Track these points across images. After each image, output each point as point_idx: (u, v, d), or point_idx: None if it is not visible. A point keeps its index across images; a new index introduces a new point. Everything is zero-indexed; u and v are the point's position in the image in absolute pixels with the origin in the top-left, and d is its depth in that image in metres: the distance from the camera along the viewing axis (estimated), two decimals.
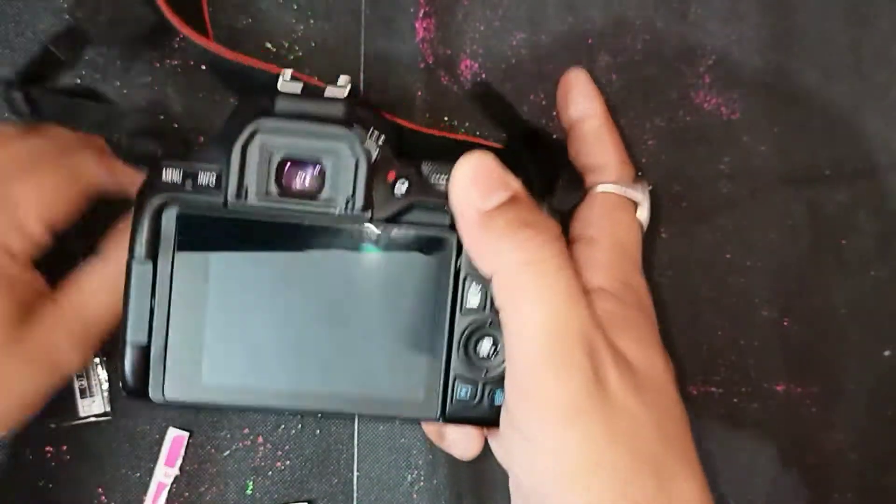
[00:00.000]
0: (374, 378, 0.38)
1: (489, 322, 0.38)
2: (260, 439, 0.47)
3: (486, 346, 0.39)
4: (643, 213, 0.42)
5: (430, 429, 0.45)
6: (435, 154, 0.40)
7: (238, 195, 0.36)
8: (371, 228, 0.37)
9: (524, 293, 0.35)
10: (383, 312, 0.38)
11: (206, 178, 0.37)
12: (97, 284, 0.40)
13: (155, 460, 0.46)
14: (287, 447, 0.47)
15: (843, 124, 0.49)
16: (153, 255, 0.37)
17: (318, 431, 0.47)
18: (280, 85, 0.37)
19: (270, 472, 0.47)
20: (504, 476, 0.48)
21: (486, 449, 0.48)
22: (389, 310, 0.38)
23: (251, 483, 0.47)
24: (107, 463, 0.46)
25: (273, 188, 0.37)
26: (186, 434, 0.46)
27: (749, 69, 0.48)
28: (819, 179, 0.49)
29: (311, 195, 0.37)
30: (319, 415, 0.46)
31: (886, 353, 0.50)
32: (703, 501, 0.36)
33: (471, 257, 0.37)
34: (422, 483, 0.48)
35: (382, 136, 0.37)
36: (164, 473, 0.46)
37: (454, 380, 0.38)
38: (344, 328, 0.38)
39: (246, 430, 0.47)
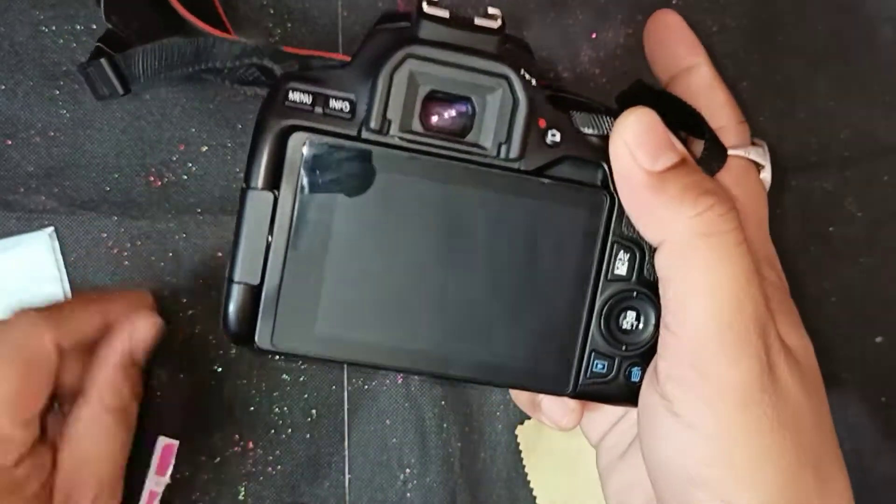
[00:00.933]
0: (501, 343, 0.35)
1: (635, 293, 0.35)
2: (251, 445, 0.47)
3: (629, 318, 0.35)
4: (767, 175, 0.40)
5: (521, 397, 0.41)
6: None
7: (379, 127, 0.33)
8: (521, 178, 0.34)
9: (701, 267, 0.32)
10: (519, 272, 0.35)
11: (339, 104, 0.33)
12: (84, 432, 0.38)
13: (146, 469, 0.46)
14: (278, 452, 0.47)
15: (828, 112, 0.49)
16: (274, 184, 0.33)
17: (308, 435, 0.47)
18: (426, 7, 0.33)
19: (262, 478, 0.47)
20: (498, 471, 0.49)
21: (484, 444, 0.48)
22: (526, 270, 0.35)
23: (243, 489, 0.47)
24: None
25: (416, 123, 0.33)
26: (176, 442, 0.46)
27: (733, 59, 0.48)
28: (806, 167, 0.49)
29: (457, 135, 0.34)
30: (439, 378, 0.43)
31: (878, 339, 0.50)
32: (852, 501, 0.35)
33: (633, 221, 0.34)
34: (414, 482, 0.48)
35: (535, 78, 0.34)
36: (156, 482, 0.46)
37: (591, 352, 0.35)
38: (474, 286, 0.34)
39: (237, 437, 0.47)
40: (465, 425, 0.48)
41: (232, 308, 0.34)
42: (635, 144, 0.33)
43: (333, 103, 0.33)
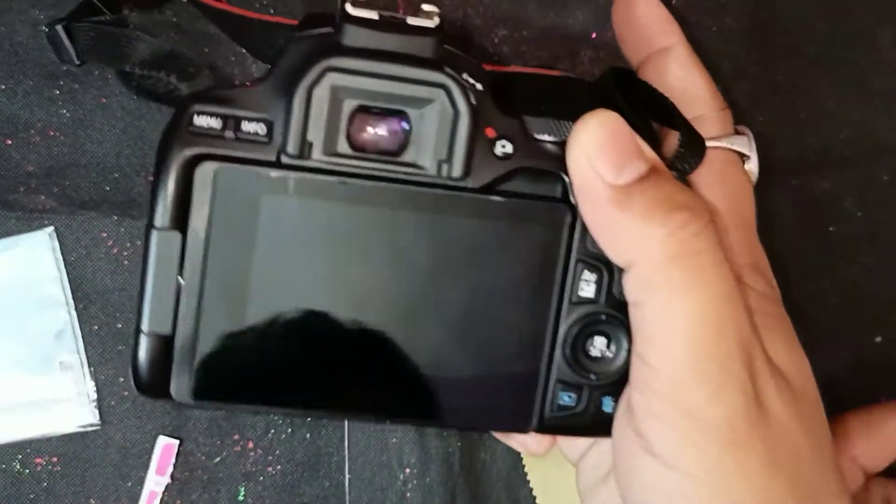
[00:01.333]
0: (452, 381, 0.32)
1: (604, 317, 0.32)
2: (250, 445, 0.47)
3: (598, 344, 0.32)
4: (753, 167, 0.36)
5: None
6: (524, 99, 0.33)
7: (299, 152, 0.29)
8: (466, 198, 0.30)
9: (672, 292, 0.29)
10: (471, 300, 0.31)
11: (253, 126, 0.29)
12: None
13: (145, 469, 0.46)
14: (278, 452, 0.47)
15: (827, 112, 0.49)
16: (182, 221, 0.29)
17: (308, 435, 0.47)
18: (349, 9, 0.29)
19: (262, 478, 0.47)
20: (498, 471, 0.49)
21: (484, 444, 0.48)
22: (479, 298, 0.31)
23: (243, 489, 0.47)
24: (97, 473, 0.46)
25: (343, 144, 0.29)
26: (176, 442, 0.46)
27: (732, 59, 0.48)
28: (805, 167, 0.49)
29: (390, 154, 0.30)
30: (381, 423, 0.40)
31: (877, 339, 0.50)
32: None
33: (597, 240, 0.31)
34: (415, 482, 0.48)
35: (479, 83, 0.30)
36: (155, 482, 0.46)
37: (556, 384, 0.32)
38: (419, 320, 0.31)
39: (236, 436, 0.46)
40: None
41: (142, 361, 0.30)
42: (597, 154, 0.29)
43: (247, 126, 0.29)
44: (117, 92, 0.45)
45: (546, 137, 0.31)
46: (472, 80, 0.30)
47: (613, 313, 0.32)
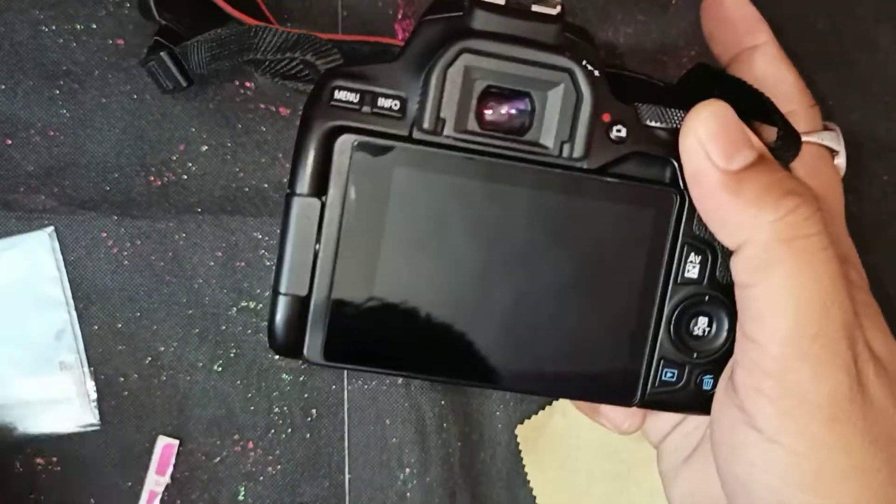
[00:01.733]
0: (563, 352, 0.33)
1: (707, 298, 0.33)
2: (250, 445, 0.47)
3: (701, 324, 0.33)
4: (842, 161, 0.37)
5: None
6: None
7: (432, 127, 0.31)
8: (583, 178, 0.32)
9: (785, 274, 0.30)
10: (583, 277, 0.33)
11: (388, 102, 0.31)
12: None
13: (145, 469, 0.46)
14: (278, 452, 0.47)
15: (828, 111, 0.49)
16: (321, 190, 0.31)
17: (308, 435, 0.47)
18: None
19: (262, 478, 0.47)
20: (498, 471, 0.49)
21: (484, 444, 0.48)
22: (591, 275, 0.33)
23: (243, 489, 0.47)
24: (97, 473, 0.46)
25: (472, 122, 0.31)
26: (176, 442, 0.46)
27: None
28: None
29: (515, 133, 0.31)
30: (497, 390, 0.41)
31: None
32: None
33: (707, 223, 0.32)
34: (415, 482, 0.48)
35: (597, 70, 0.31)
36: (155, 482, 0.46)
37: (659, 360, 0.33)
38: (535, 293, 0.32)
39: (236, 436, 0.46)
40: (465, 425, 0.48)
41: (279, 320, 0.32)
42: (709, 141, 0.30)
43: (382, 101, 0.31)
44: (117, 92, 0.45)
45: (657, 124, 0.32)
46: (591, 67, 0.31)
47: (717, 294, 0.33)
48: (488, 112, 0.31)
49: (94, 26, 0.45)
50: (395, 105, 0.31)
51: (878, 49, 0.49)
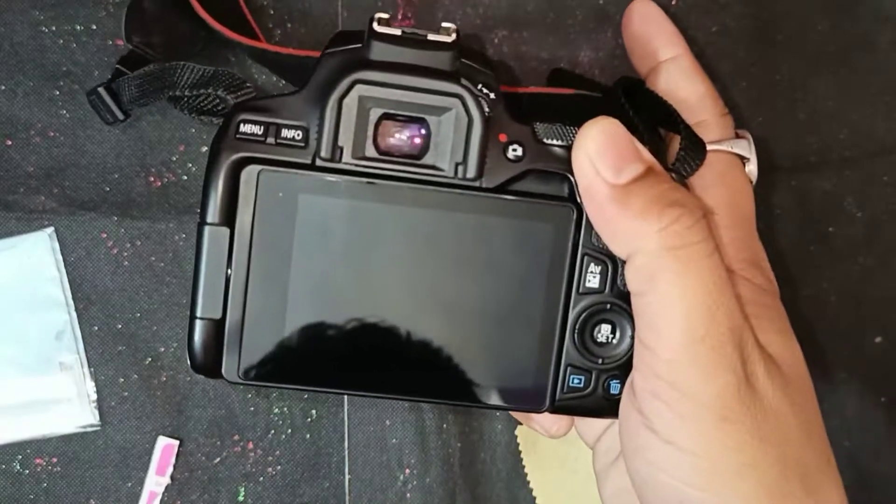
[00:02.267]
0: (472, 363, 0.34)
1: (609, 306, 0.34)
2: (250, 445, 0.47)
3: (604, 331, 0.35)
4: (753, 168, 0.38)
5: None
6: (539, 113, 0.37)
7: (331, 155, 0.32)
8: (480, 196, 0.33)
9: (668, 281, 0.31)
10: (487, 291, 0.34)
11: (291, 133, 0.32)
12: None
13: (145, 469, 0.46)
14: (278, 452, 0.47)
15: (827, 112, 0.49)
16: (230, 218, 0.33)
17: (308, 436, 0.47)
18: (376, 26, 0.33)
19: (262, 478, 0.47)
20: (498, 472, 0.49)
21: (484, 444, 0.48)
22: (495, 287, 0.34)
23: (243, 490, 0.47)
24: (97, 473, 0.46)
25: (370, 148, 0.33)
26: (176, 442, 0.46)
27: (732, 59, 0.48)
28: (805, 167, 0.49)
29: (412, 157, 0.33)
30: (410, 401, 0.43)
31: (877, 339, 0.50)
32: None
33: (600, 235, 0.33)
34: (414, 482, 0.48)
35: (493, 93, 0.33)
36: (155, 482, 0.46)
37: (566, 367, 0.35)
38: (441, 308, 0.34)
39: (236, 437, 0.46)
40: (464, 425, 0.48)
41: (196, 343, 0.33)
42: (598, 157, 0.32)
43: (285, 132, 0.32)
44: None
45: (554, 142, 0.34)
46: (486, 91, 0.33)
47: (618, 302, 0.34)
48: (385, 138, 0.33)
49: (94, 27, 0.46)
50: (298, 135, 0.32)
51: (878, 49, 0.49)
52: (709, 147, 0.37)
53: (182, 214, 0.46)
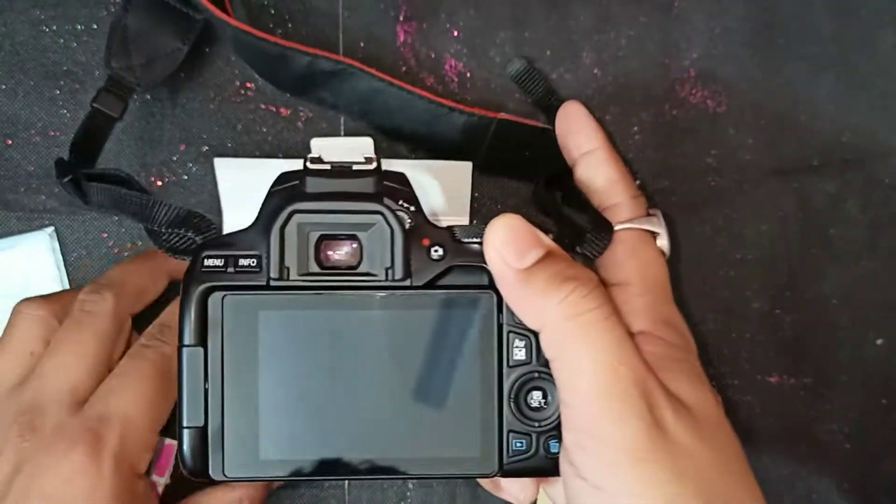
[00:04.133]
0: (428, 439, 0.39)
1: (537, 374, 0.39)
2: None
3: (536, 397, 0.39)
4: (664, 242, 0.43)
5: (483, 482, 0.44)
6: (520, 146, 0.44)
7: (280, 275, 0.38)
8: (412, 294, 0.38)
9: (573, 346, 0.36)
10: (431, 373, 0.39)
11: (246, 261, 0.38)
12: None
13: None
14: None
15: (829, 115, 0.49)
16: (202, 339, 0.38)
17: None
18: (310, 165, 0.38)
19: None
20: None
21: None
22: (437, 370, 0.39)
23: None
24: None
25: (313, 265, 0.38)
26: (176, 442, 0.46)
27: (734, 62, 0.48)
28: (807, 170, 0.49)
29: (350, 267, 0.38)
30: (377, 480, 0.47)
31: (879, 341, 0.50)
32: None
33: (515, 313, 0.38)
34: (415, 482, 0.48)
35: (412, 205, 0.38)
36: (155, 482, 0.45)
37: (508, 433, 0.39)
38: (394, 391, 0.38)
39: None
40: None
41: (186, 449, 0.38)
42: (503, 247, 0.36)
43: (242, 261, 0.38)
44: None
45: (470, 239, 0.39)
46: (406, 205, 0.38)
47: (544, 370, 0.38)
48: (325, 254, 0.38)
49: (95, 26, 0.46)
50: (253, 262, 0.38)
51: (880, 53, 0.49)
52: (619, 226, 0.42)
53: None
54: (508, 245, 0.36)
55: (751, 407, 0.49)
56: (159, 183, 0.46)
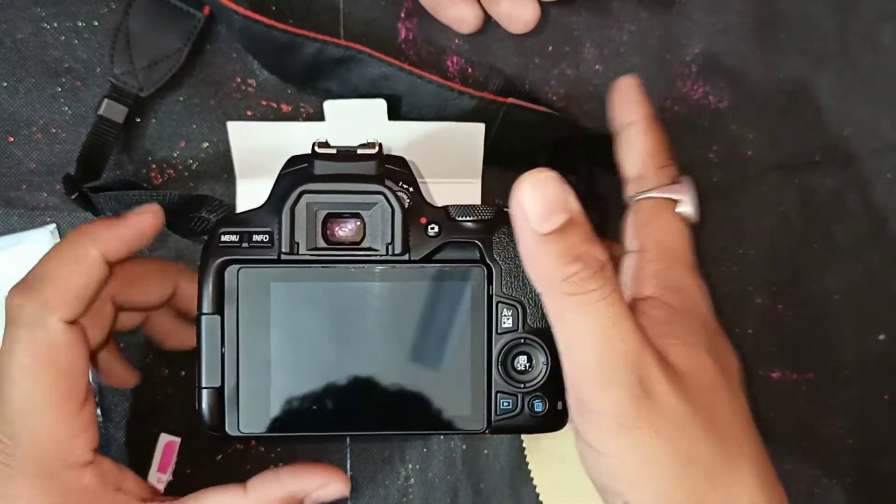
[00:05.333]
0: (424, 398, 0.42)
1: (523, 340, 0.42)
2: (252, 442, 0.47)
3: (522, 361, 0.42)
4: (686, 208, 0.43)
5: None
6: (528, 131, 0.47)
7: (290, 250, 0.40)
8: (410, 267, 0.41)
9: (570, 318, 0.37)
10: (427, 338, 0.42)
11: (260, 237, 0.41)
12: None
13: (148, 466, 0.46)
14: (280, 449, 0.47)
15: (831, 110, 0.49)
16: (219, 308, 0.40)
17: None
18: (317, 149, 0.41)
19: None
20: (501, 468, 0.49)
21: (486, 440, 0.48)
22: (433, 336, 0.42)
23: None
24: None
25: (320, 240, 0.41)
26: (178, 439, 0.46)
27: (735, 57, 0.48)
28: (809, 165, 0.49)
29: (354, 243, 0.41)
30: (378, 437, 0.49)
31: (881, 337, 0.50)
32: (762, 496, 0.38)
33: (525, 266, 0.39)
34: (417, 479, 0.48)
35: (411, 187, 0.41)
36: (157, 479, 0.46)
37: (496, 394, 0.42)
38: (393, 355, 0.41)
39: None
40: None
41: (204, 408, 0.41)
42: (529, 205, 0.37)
43: (256, 237, 0.41)
44: None
45: (465, 218, 0.42)
46: (405, 186, 0.41)
47: (529, 337, 0.42)
48: (331, 231, 0.41)
49: (96, 23, 0.46)
50: (265, 238, 0.41)
51: (882, 47, 0.49)
52: (641, 196, 0.43)
53: None
54: (534, 204, 0.37)
55: (753, 402, 0.49)
56: (160, 179, 0.46)
